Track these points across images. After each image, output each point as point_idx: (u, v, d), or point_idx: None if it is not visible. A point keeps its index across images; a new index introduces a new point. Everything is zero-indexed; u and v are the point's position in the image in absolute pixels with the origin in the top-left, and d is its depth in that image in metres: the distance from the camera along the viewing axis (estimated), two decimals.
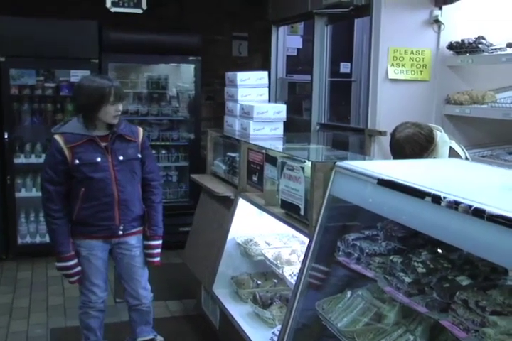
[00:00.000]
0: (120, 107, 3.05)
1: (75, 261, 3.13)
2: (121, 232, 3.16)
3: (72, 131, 3.07)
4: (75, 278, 3.18)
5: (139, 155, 3.20)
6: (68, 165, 3.03)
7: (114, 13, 4.91)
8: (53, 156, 3.06)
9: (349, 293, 2.39)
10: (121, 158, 3.10)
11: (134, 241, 3.25)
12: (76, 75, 5.38)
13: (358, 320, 2.26)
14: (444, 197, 1.71)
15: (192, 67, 5.84)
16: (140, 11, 5.01)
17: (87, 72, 5.33)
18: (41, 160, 5.42)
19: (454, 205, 1.66)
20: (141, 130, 3.28)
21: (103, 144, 3.08)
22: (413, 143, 2.96)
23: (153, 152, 5.92)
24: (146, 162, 3.26)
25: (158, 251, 3.31)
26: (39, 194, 5.41)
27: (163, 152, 5.91)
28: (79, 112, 3.13)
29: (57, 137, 3.07)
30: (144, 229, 3.28)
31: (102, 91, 2.98)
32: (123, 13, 4.95)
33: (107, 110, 3.01)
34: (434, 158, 3.00)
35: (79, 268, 3.16)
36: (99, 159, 3.05)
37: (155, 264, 3.32)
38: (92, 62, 5.35)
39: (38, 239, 5.54)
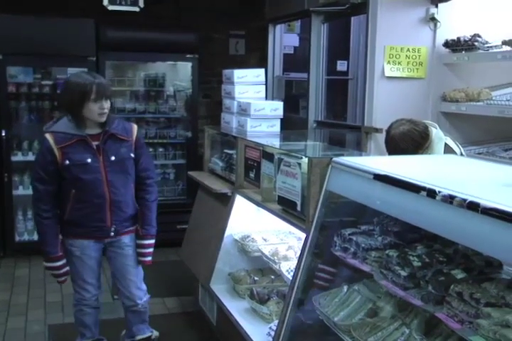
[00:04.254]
0: (105, 105, 2.94)
1: (63, 261, 3.10)
2: (112, 234, 3.11)
3: (63, 130, 2.98)
4: (63, 278, 3.16)
5: (132, 155, 3.11)
6: (58, 166, 2.96)
7: (112, 11, 4.92)
8: (43, 156, 2.99)
9: (345, 288, 2.42)
10: (113, 158, 3.02)
11: (127, 239, 3.20)
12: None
13: (354, 314, 2.29)
14: (439, 191, 1.73)
15: (189, 65, 5.85)
16: (137, 9, 5.02)
17: (84, 70, 5.34)
18: None
19: (449, 199, 1.68)
20: (135, 127, 3.18)
21: (94, 144, 2.99)
22: (408, 140, 2.98)
23: (150, 150, 6.05)
24: (141, 160, 3.17)
25: (151, 250, 3.26)
26: None
27: (161, 150, 5.93)
28: (66, 110, 3.04)
29: (48, 136, 2.99)
30: (137, 228, 3.22)
31: (83, 88, 2.89)
32: (120, 11, 4.96)
33: (90, 108, 2.92)
34: (430, 154, 3.02)
35: (67, 269, 3.13)
36: (89, 160, 2.97)
37: (146, 264, 3.27)
38: (89, 60, 5.36)
39: (35, 237, 5.49)
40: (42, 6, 5.46)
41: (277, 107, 3.98)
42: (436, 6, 4.05)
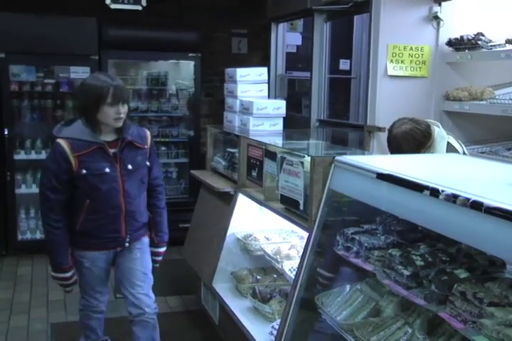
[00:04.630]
0: (121, 109, 2.75)
1: (73, 271, 2.97)
2: (127, 244, 2.98)
3: (79, 136, 2.79)
4: (71, 288, 3.06)
5: (148, 163, 2.98)
6: (73, 174, 2.78)
7: (114, 9, 4.91)
8: (57, 164, 2.78)
9: (348, 287, 2.41)
10: (129, 167, 2.87)
11: (137, 244, 3.06)
12: (76, 72, 5.41)
13: (357, 313, 2.28)
14: (443, 191, 1.72)
15: (191, 63, 5.84)
16: (140, 8, 5.01)
17: (86, 69, 5.36)
18: (41, 156, 5.49)
19: (452, 198, 1.68)
20: (149, 134, 3.04)
21: (111, 151, 2.83)
22: (410, 139, 2.97)
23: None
24: (153, 168, 3.05)
25: (162, 256, 3.22)
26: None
27: (163, 148, 5.93)
28: (80, 114, 2.85)
29: (62, 143, 2.78)
30: (150, 235, 3.12)
31: (99, 91, 2.71)
32: (123, 9, 4.96)
33: (106, 112, 2.73)
34: (432, 153, 3.01)
35: (75, 278, 3.01)
36: (107, 169, 2.81)
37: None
38: (91, 58, 5.36)
39: (38, 235, 5.54)
40: (44, 4, 5.46)
41: (280, 106, 3.98)
42: (440, 5, 4.05)
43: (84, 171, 2.77)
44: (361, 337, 2.10)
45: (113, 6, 4.89)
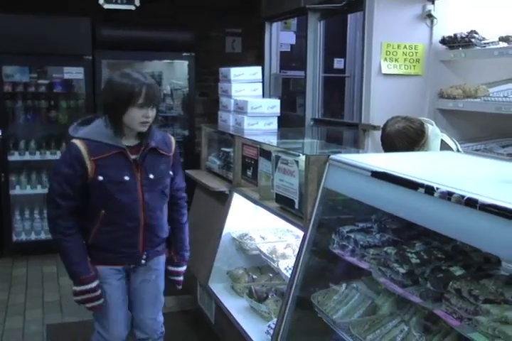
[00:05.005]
0: (150, 113, 2.47)
1: (97, 281, 2.59)
2: (143, 261, 2.67)
3: (99, 138, 2.49)
4: (100, 302, 2.61)
5: (171, 173, 2.69)
6: (87, 181, 2.49)
7: (107, 9, 4.90)
8: (72, 167, 2.48)
9: (344, 285, 2.41)
10: (151, 176, 2.57)
11: (153, 264, 2.76)
12: (69, 72, 5.40)
13: (353, 311, 2.29)
14: (437, 188, 1.73)
15: (185, 63, 5.84)
16: (133, 8, 4.99)
17: (80, 69, 5.36)
18: (36, 157, 5.48)
19: (447, 196, 1.68)
20: (173, 140, 2.75)
21: (132, 157, 2.53)
22: (403, 137, 2.97)
23: None
24: (176, 177, 2.76)
25: (182, 276, 2.91)
26: (34, 191, 5.54)
27: None
28: (105, 113, 2.53)
29: (78, 143, 2.48)
30: (170, 253, 2.83)
31: (130, 90, 2.41)
32: (116, 9, 4.94)
33: (133, 114, 2.44)
34: (426, 151, 3.02)
35: (101, 291, 2.62)
36: (127, 177, 2.51)
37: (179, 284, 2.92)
38: (85, 58, 5.35)
39: (33, 237, 5.53)
40: (37, 4, 5.44)
41: (274, 105, 3.97)
42: (433, 3, 4.05)
43: (100, 178, 2.48)
44: (358, 336, 2.11)
45: (106, 6, 4.87)
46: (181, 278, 2.88)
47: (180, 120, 6.05)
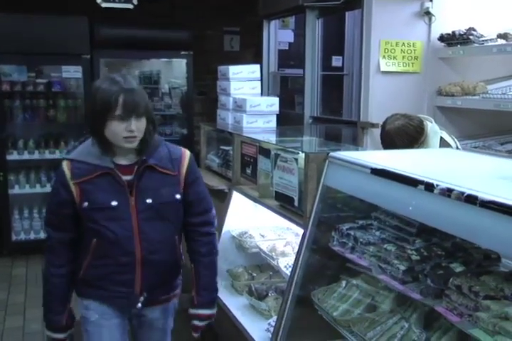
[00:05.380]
0: (134, 125, 2.05)
1: (69, 333, 2.30)
2: (140, 305, 2.24)
3: (85, 158, 2.15)
4: None
5: (178, 196, 2.21)
6: (76, 208, 2.17)
7: (106, 8, 4.89)
8: (57, 193, 2.19)
9: (344, 283, 2.42)
10: (149, 200, 2.15)
11: (158, 313, 2.37)
12: (68, 71, 5.41)
13: (353, 308, 2.29)
14: (437, 185, 1.73)
15: (184, 62, 5.84)
16: (131, 6, 4.99)
17: (78, 68, 5.36)
18: (34, 156, 5.48)
19: (447, 192, 1.68)
20: (187, 155, 2.31)
21: (125, 179, 2.14)
22: (403, 135, 2.98)
23: None
24: (195, 202, 2.28)
25: (208, 321, 2.42)
26: (32, 190, 5.54)
27: None
28: (88, 128, 2.17)
29: (64, 166, 2.17)
30: (191, 294, 2.39)
31: (105, 100, 2.03)
32: (114, 8, 4.94)
33: (114, 128, 2.05)
34: (425, 148, 3.02)
35: None
36: (115, 202, 2.12)
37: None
38: (83, 57, 5.35)
39: (32, 236, 5.54)
40: (35, 4, 5.43)
41: (273, 103, 3.97)
42: (431, 0, 4.05)
43: (86, 204, 2.14)
44: (358, 333, 2.11)
45: (104, 5, 4.87)
46: (201, 323, 2.40)
47: (179, 119, 6.05)
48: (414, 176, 1.86)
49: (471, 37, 3.81)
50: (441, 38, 4.05)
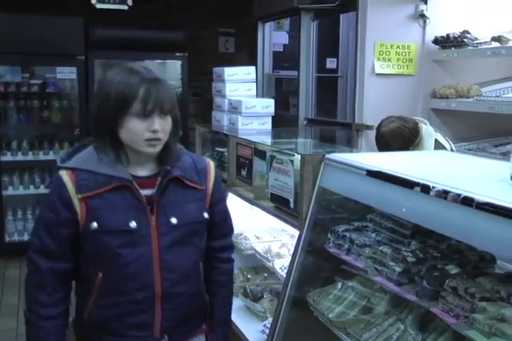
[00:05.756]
0: (158, 124, 1.68)
1: None
2: None
3: (91, 166, 1.73)
4: None
5: (206, 215, 1.86)
6: (78, 229, 1.73)
7: (100, 9, 4.89)
8: (54, 210, 1.73)
9: (339, 285, 2.42)
10: (174, 221, 1.76)
11: None
12: (62, 72, 5.40)
13: (349, 310, 2.29)
14: (433, 187, 1.73)
15: (178, 63, 5.85)
16: (126, 7, 4.98)
17: (73, 69, 5.36)
18: (28, 157, 5.46)
19: (443, 194, 1.69)
20: (212, 167, 1.93)
21: (144, 193, 1.74)
22: (398, 137, 2.99)
23: None
24: (220, 224, 1.98)
25: None
26: (26, 192, 5.52)
27: None
28: (95, 128, 1.76)
29: (63, 175, 1.73)
30: (204, 328, 2.02)
31: (122, 92, 1.66)
32: (109, 9, 4.93)
33: (131, 127, 1.67)
34: (420, 150, 3.04)
35: None
36: (133, 224, 1.71)
37: None
38: (78, 58, 5.35)
39: (25, 237, 5.51)
40: (30, 4, 5.42)
41: (269, 105, 3.97)
42: (426, 3, 4.07)
43: (94, 225, 1.71)
44: (354, 335, 2.11)
45: (99, 6, 4.86)
46: None
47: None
48: (410, 178, 1.86)
49: (465, 40, 3.83)
50: (436, 41, 4.07)
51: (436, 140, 3.15)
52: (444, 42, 4.01)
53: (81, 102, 5.41)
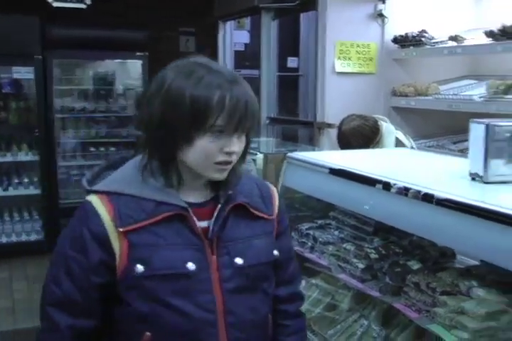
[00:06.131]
0: (236, 144, 1.30)
1: None
2: None
3: (136, 191, 1.32)
4: None
5: (276, 254, 1.44)
6: (115, 274, 1.31)
7: (58, 8, 4.79)
8: (81, 250, 1.31)
9: (304, 282, 2.43)
10: (239, 261, 1.35)
11: None
12: (18, 72, 5.27)
13: (313, 308, 2.31)
14: (394, 184, 1.76)
15: (139, 63, 5.77)
16: (84, 6, 4.90)
17: (30, 69, 5.23)
18: None
19: (404, 191, 1.71)
20: (275, 191, 1.53)
21: (200, 225, 1.34)
22: (358, 135, 3.02)
23: (101, 149, 5.98)
24: (284, 263, 1.50)
25: None
26: (11, 193, 5.36)
27: (112, 149, 5.84)
28: (148, 145, 1.34)
29: (95, 203, 1.32)
30: None
31: (201, 102, 1.25)
32: (66, 8, 4.84)
33: (203, 147, 1.27)
34: (381, 148, 3.07)
35: None
36: (192, 265, 1.31)
37: None
38: (35, 58, 5.22)
39: (14, 239, 5.36)
40: None
41: None
42: (384, 3, 4.11)
43: (139, 268, 1.28)
44: (319, 332, 2.13)
45: (55, 4, 4.76)
46: None
47: (134, 120, 5.98)
48: (372, 176, 1.89)
49: (423, 39, 3.89)
50: (395, 40, 4.12)
51: (396, 138, 3.18)
52: (403, 41, 4.06)
53: (39, 102, 5.30)
